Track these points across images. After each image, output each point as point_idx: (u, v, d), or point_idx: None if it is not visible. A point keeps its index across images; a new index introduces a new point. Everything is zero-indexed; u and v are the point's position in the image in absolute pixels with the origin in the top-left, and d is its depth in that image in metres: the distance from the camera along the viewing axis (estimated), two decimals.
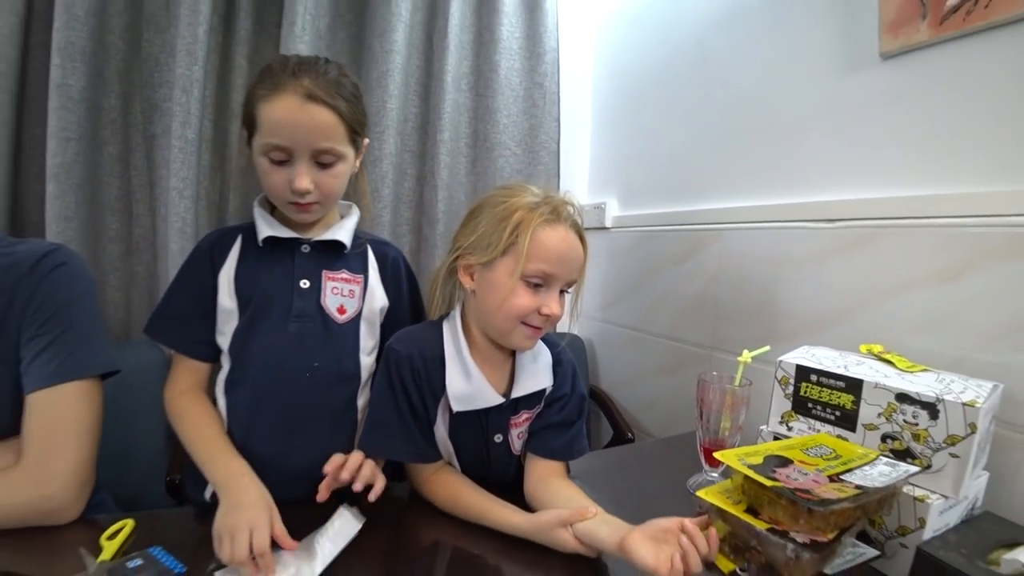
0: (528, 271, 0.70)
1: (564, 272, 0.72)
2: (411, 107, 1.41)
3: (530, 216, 0.71)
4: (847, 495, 0.52)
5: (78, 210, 1.12)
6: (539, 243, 0.70)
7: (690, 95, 1.30)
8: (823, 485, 0.53)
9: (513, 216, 0.71)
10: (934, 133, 0.82)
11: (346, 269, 0.83)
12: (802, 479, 0.54)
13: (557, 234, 0.71)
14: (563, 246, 0.72)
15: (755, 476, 0.54)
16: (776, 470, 0.56)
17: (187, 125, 1.15)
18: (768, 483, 0.53)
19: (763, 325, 1.07)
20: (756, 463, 0.57)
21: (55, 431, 0.66)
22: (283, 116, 0.70)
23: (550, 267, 0.71)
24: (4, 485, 0.63)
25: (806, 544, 0.51)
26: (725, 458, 0.60)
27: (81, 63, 1.10)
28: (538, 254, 0.70)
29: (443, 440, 0.78)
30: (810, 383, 0.72)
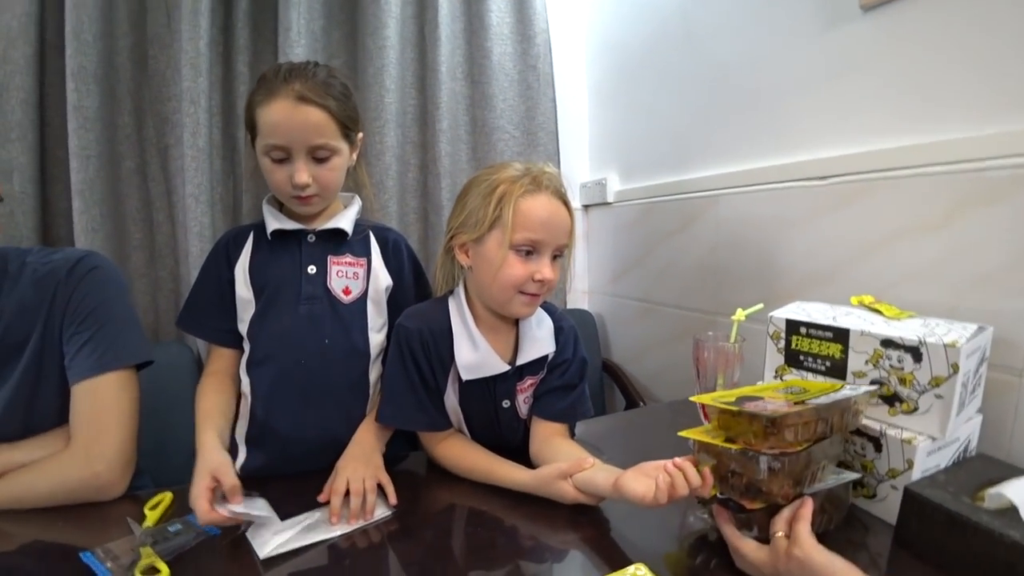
0: (516, 240, 0.74)
1: (551, 237, 0.76)
2: (409, 100, 1.45)
3: (511, 188, 0.75)
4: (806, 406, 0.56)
5: (103, 222, 1.19)
6: (522, 212, 0.74)
7: (679, 68, 1.31)
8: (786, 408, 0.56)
9: (496, 191, 0.75)
10: (916, 83, 0.82)
11: (349, 254, 0.90)
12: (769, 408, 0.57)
13: (539, 202, 0.75)
14: (546, 212, 0.75)
15: (721, 405, 0.59)
16: (745, 404, 0.59)
17: (197, 135, 1.21)
18: (735, 409, 0.57)
19: (761, 286, 1.09)
20: (729, 401, 0.60)
21: (99, 416, 0.74)
22: (279, 118, 0.77)
23: (536, 234, 0.74)
24: (57, 466, 0.71)
25: (777, 456, 0.55)
26: (701, 399, 0.64)
27: (94, 85, 1.17)
28: (523, 223, 0.74)
29: (454, 408, 0.84)
30: (800, 336, 0.75)
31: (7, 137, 1.11)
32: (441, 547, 0.63)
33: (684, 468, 0.59)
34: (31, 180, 1.15)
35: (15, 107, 1.12)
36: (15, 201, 1.13)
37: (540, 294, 0.78)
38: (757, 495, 0.57)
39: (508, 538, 0.64)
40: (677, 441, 0.89)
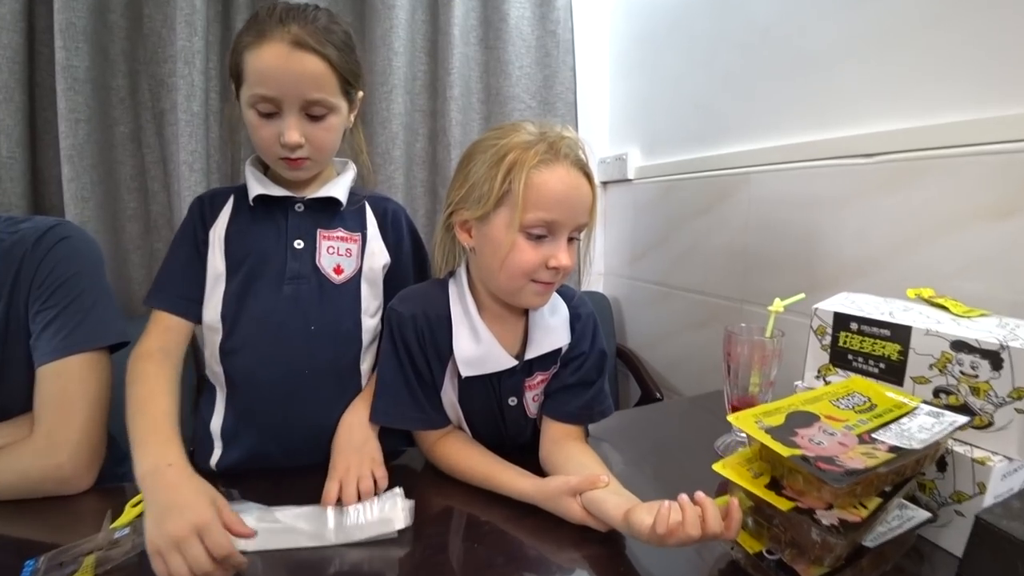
0: (527, 221, 0.63)
1: (569, 217, 0.65)
2: (419, 64, 1.36)
3: (523, 157, 0.63)
4: (878, 461, 0.45)
5: (94, 190, 1.13)
6: (536, 188, 0.63)
7: (710, 32, 1.20)
8: (850, 448, 0.47)
9: (505, 160, 0.64)
10: (980, 51, 0.72)
11: (342, 227, 0.80)
12: (827, 442, 0.48)
13: (556, 175, 0.63)
14: (564, 188, 0.64)
15: (771, 444, 0.48)
16: (798, 431, 0.50)
17: (192, 98, 1.14)
18: (786, 452, 0.47)
19: (798, 273, 0.99)
20: (775, 424, 0.51)
21: (63, 402, 0.67)
22: (270, 65, 0.66)
23: (551, 214, 0.63)
24: (16, 457, 0.65)
25: (834, 526, 0.45)
26: (740, 422, 0.53)
27: (84, 43, 1.10)
28: (536, 201, 0.63)
29: (452, 404, 0.75)
30: (850, 332, 0.65)
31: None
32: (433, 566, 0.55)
33: (703, 506, 0.49)
34: (19, 144, 1.09)
35: (2, 66, 1.05)
36: (2, 166, 1.07)
37: (554, 282, 0.68)
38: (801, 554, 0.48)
39: (508, 558, 0.56)
40: (702, 442, 0.82)
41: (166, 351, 0.72)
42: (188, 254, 0.77)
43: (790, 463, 0.47)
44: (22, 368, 0.69)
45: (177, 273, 0.77)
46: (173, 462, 0.59)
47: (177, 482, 0.57)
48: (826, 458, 0.45)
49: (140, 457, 0.59)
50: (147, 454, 0.59)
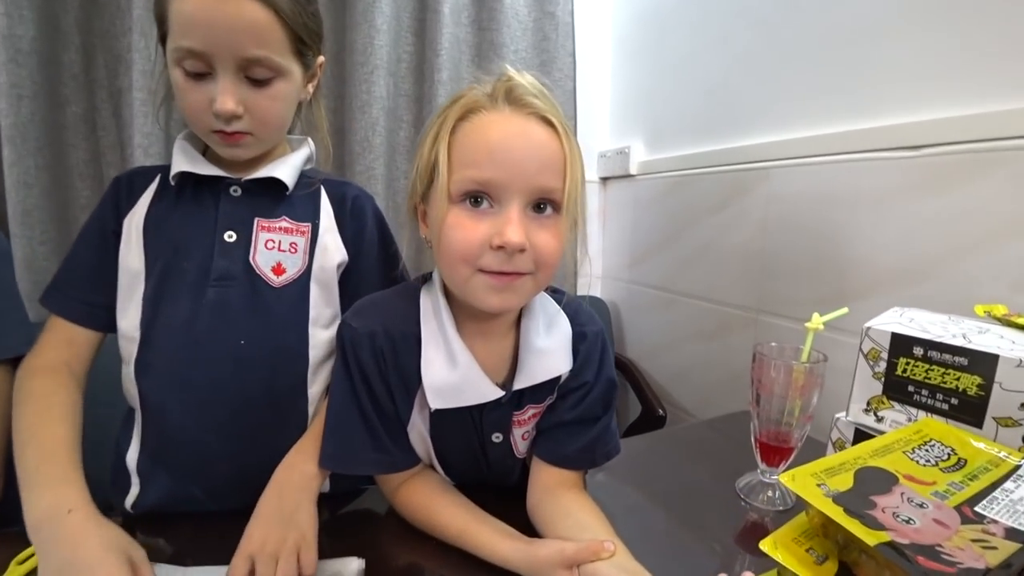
0: (454, 183, 0.49)
1: (514, 175, 0.48)
2: (404, 45, 1.25)
3: (449, 112, 0.51)
4: (1001, 556, 0.33)
5: (39, 176, 1.02)
6: (462, 142, 0.50)
7: (724, 10, 1.09)
8: (954, 532, 0.36)
9: (436, 121, 0.52)
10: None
11: (287, 216, 0.65)
12: (919, 519, 0.37)
13: (488, 121, 0.50)
14: (501, 136, 0.49)
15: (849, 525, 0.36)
16: (876, 500, 0.38)
17: (148, 74, 1.02)
18: (871, 538, 0.35)
19: (825, 282, 0.88)
20: (844, 488, 0.40)
21: None
22: (198, 8, 0.53)
23: (484, 171, 0.48)
24: None
25: None
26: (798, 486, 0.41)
27: (28, 10, 0.98)
28: (463, 157, 0.49)
29: (422, 437, 0.61)
30: (913, 358, 0.54)
31: None
32: None
33: None
34: None
35: None
36: None
37: (512, 272, 0.50)
38: None
39: None
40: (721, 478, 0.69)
41: (67, 366, 0.60)
42: (96, 245, 0.63)
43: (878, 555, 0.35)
44: None
45: (80, 271, 0.63)
46: (74, 506, 0.47)
47: (80, 533, 0.46)
48: (926, 548, 0.34)
49: (31, 500, 0.48)
50: (40, 496, 0.48)
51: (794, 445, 0.63)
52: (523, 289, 0.52)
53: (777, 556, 0.40)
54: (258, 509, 0.53)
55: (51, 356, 0.60)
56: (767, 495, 0.65)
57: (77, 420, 0.57)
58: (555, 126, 0.51)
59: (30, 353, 0.60)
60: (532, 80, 0.52)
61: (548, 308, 0.61)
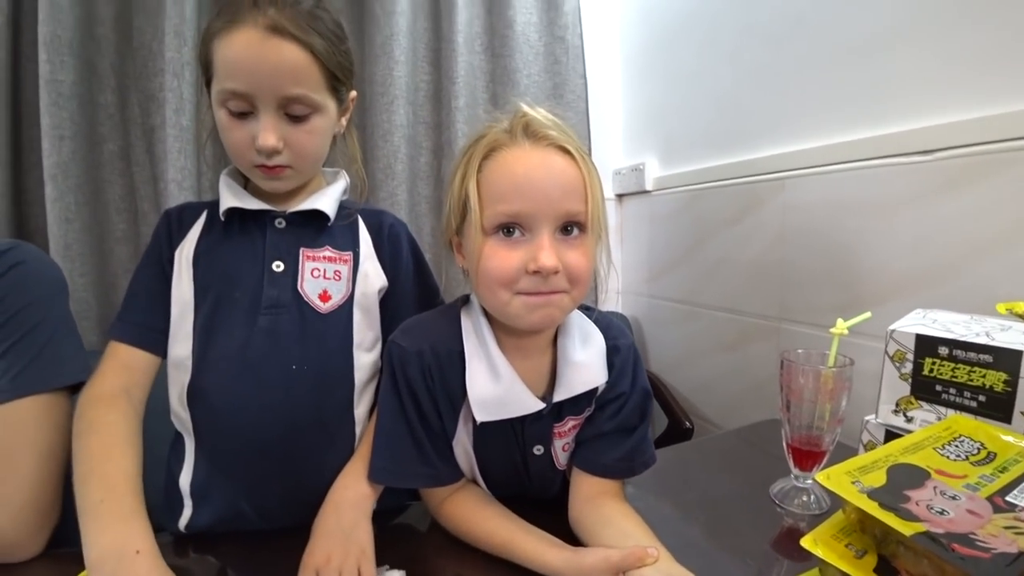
0: (487, 218, 0.53)
1: (542, 205, 0.52)
2: (421, 74, 1.29)
3: (475, 149, 0.55)
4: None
5: (79, 211, 1.07)
6: (489, 178, 0.53)
7: (733, 26, 1.12)
8: (987, 520, 0.36)
9: (463, 159, 0.56)
10: None
11: (330, 246, 0.69)
12: (952, 510, 0.38)
13: (512, 157, 0.53)
14: (526, 169, 0.52)
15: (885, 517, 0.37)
16: (909, 495, 0.39)
17: (181, 112, 1.07)
18: (907, 529, 0.36)
19: (845, 288, 0.89)
20: (877, 484, 0.41)
21: (8, 455, 0.58)
22: (241, 54, 0.57)
23: (514, 204, 0.52)
24: None
25: None
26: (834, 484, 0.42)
27: (70, 56, 1.04)
28: (493, 193, 0.53)
29: (466, 453, 0.63)
30: (938, 358, 0.54)
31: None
32: None
33: None
34: (2, 164, 1.03)
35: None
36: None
37: (549, 292, 0.54)
38: None
39: None
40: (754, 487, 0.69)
41: (126, 392, 0.61)
42: (151, 277, 0.66)
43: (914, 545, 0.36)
44: None
45: (139, 299, 0.66)
46: (142, 548, 0.49)
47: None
48: (960, 536, 0.35)
49: (93, 534, 0.49)
50: (103, 531, 0.49)
51: (826, 449, 0.63)
52: (561, 305, 0.55)
53: (818, 552, 0.41)
54: (317, 526, 0.56)
55: (110, 383, 0.62)
56: (802, 500, 0.65)
57: (138, 451, 0.58)
58: (572, 154, 0.54)
59: (90, 381, 0.62)
60: (545, 113, 0.56)
61: (582, 324, 0.63)
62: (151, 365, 0.65)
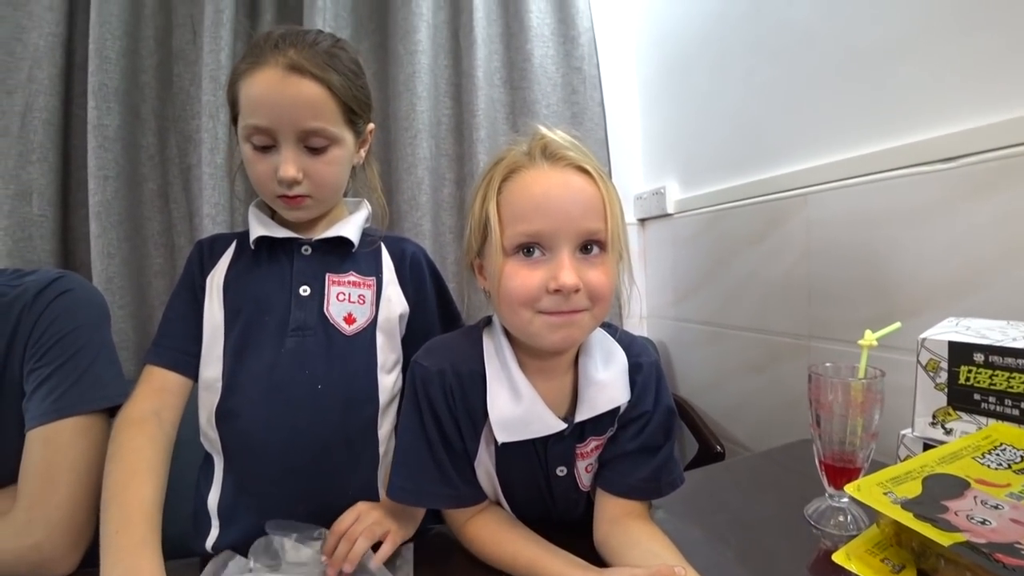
0: (507, 238, 0.53)
1: (561, 224, 0.52)
2: (443, 108, 1.34)
3: (494, 172, 0.56)
4: None
5: (120, 246, 1.12)
6: (509, 199, 0.54)
7: (743, 46, 1.13)
8: None
9: (482, 182, 0.57)
10: None
11: (354, 271, 0.71)
12: (994, 519, 0.36)
13: (530, 177, 0.54)
14: (544, 189, 0.53)
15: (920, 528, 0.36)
16: (947, 504, 0.38)
17: (215, 151, 1.13)
18: (945, 539, 0.34)
19: (875, 302, 0.86)
20: (913, 495, 0.39)
21: (48, 473, 0.60)
22: (263, 92, 0.61)
23: (533, 224, 0.52)
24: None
25: None
26: (863, 496, 0.41)
27: (116, 103, 1.12)
28: (513, 214, 0.53)
29: (488, 475, 0.63)
30: (975, 366, 0.52)
31: (28, 159, 1.07)
32: None
33: None
34: (51, 203, 1.10)
35: (37, 128, 1.07)
36: (33, 224, 1.08)
37: (571, 311, 0.53)
38: None
39: None
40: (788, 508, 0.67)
41: (157, 416, 0.64)
42: (185, 303, 0.70)
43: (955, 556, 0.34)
44: (15, 433, 0.63)
45: (173, 325, 0.69)
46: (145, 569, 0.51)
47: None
48: (1004, 546, 0.33)
49: (107, 565, 0.51)
50: (116, 564, 0.51)
51: (860, 466, 0.61)
52: (582, 324, 0.55)
53: (852, 567, 0.39)
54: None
55: (143, 406, 0.64)
56: (838, 519, 0.62)
57: (160, 476, 0.60)
58: (590, 173, 0.55)
59: (124, 404, 0.65)
60: (563, 134, 0.57)
61: (604, 343, 0.63)
62: (183, 387, 0.68)
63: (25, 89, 1.06)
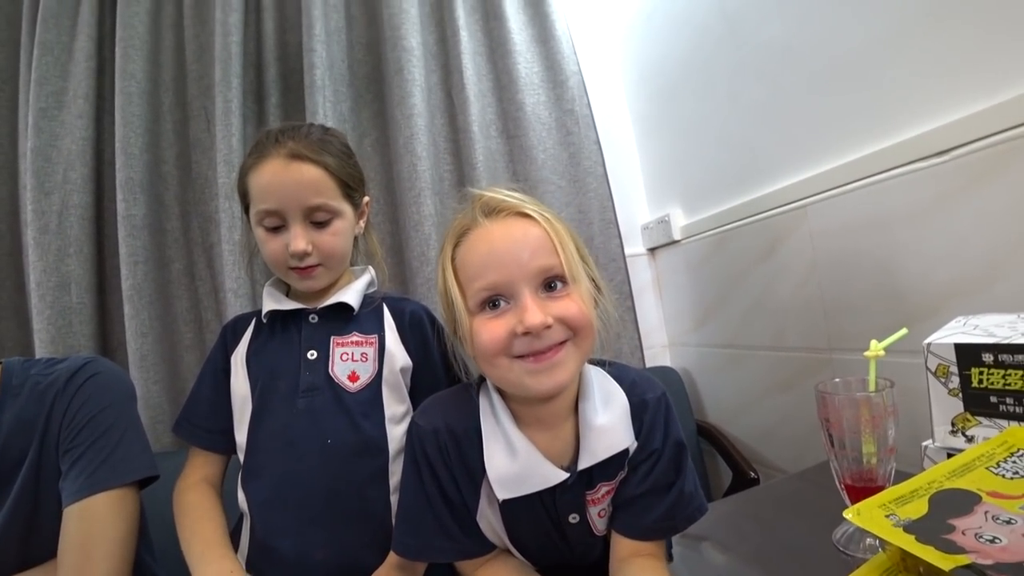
0: (469, 299, 0.55)
1: (514, 272, 0.53)
2: (444, 165, 1.39)
3: (446, 242, 0.58)
4: None
5: (152, 325, 1.18)
6: (462, 264, 0.56)
7: (727, 68, 1.16)
8: None
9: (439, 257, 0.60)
10: None
11: (356, 331, 0.77)
12: (1006, 536, 0.33)
13: (476, 237, 0.56)
14: (489, 246, 0.54)
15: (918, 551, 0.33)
16: (955, 523, 0.36)
17: (233, 229, 1.19)
18: (946, 563, 0.32)
19: (890, 305, 0.84)
20: (917, 516, 0.37)
21: (85, 545, 0.63)
22: (270, 179, 0.70)
23: (488, 277, 0.53)
24: None
25: None
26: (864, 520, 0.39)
27: (141, 194, 1.21)
28: (467, 274, 0.55)
29: (492, 528, 0.62)
30: (985, 366, 0.50)
31: (66, 252, 1.16)
32: None
33: None
34: (88, 290, 1.17)
35: (73, 223, 1.17)
36: (72, 312, 1.15)
37: (548, 350, 0.53)
38: None
39: None
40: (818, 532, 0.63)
41: (207, 481, 0.74)
42: (211, 384, 0.78)
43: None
44: (53, 511, 0.66)
45: (201, 405, 0.77)
46: (234, 570, 0.62)
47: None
48: (1012, 566, 0.31)
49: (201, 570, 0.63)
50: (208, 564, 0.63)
51: (882, 483, 0.57)
52: (567, 360, 0.54)
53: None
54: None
55: (195, 476, 0.75)
56: (867, 542, 0.58)
57: (223, 518, 0.72)
58: (531, 215, 0.56)
59: (181, 475, 0.76)
60: (503, 189, 0.59)
61: (603, 384, 0.62)
62: (220, 459, 0.78)
63: (61, 189, 1.16)
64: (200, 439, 0.77)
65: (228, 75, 1.21)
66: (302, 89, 1.26)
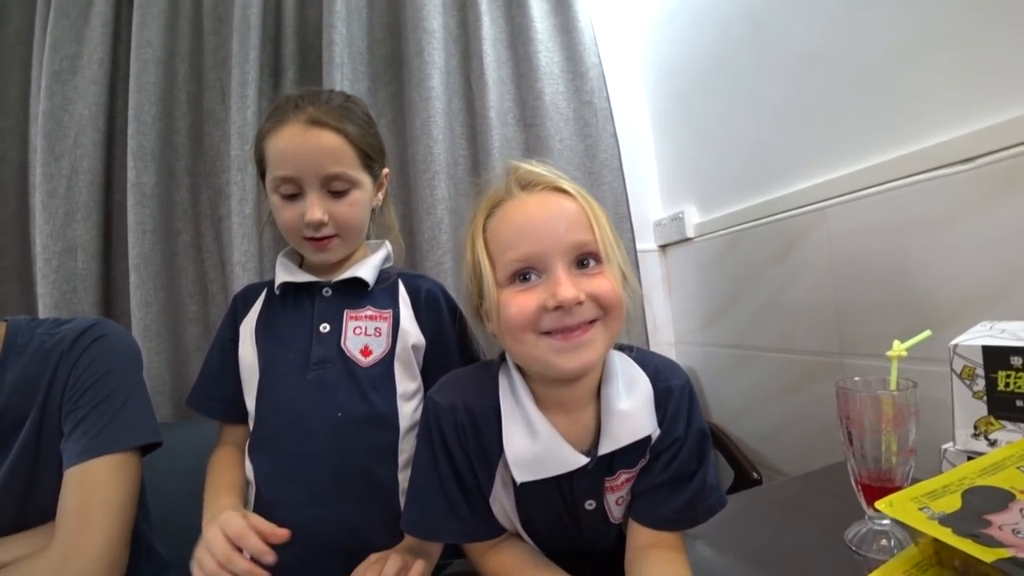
0: (499, 270, 0.53)
1: (550, 243, 0.52)
2: (459, 150, 1.38)
3: (478, 212, 0.57)
4: None
5: (157, 296, 1.17)
6: (494, 234, 0.55)
7: (750, 69, 1.14)
8: None
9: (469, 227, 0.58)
10: None
11: (371, 306, 0.75)
12: None
13: (511, 206, 0.55)
14: (525, 216, 0.53)
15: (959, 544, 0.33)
16: (990, 518, 0.35)
17: (244, 202, 1.18)
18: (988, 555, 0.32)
19: (906, 312, 0.83)
20: (951, 510, 0.37)
21: (84, 509, 0.62)
22: (287, 145, 0.68)
23: (522, 248, 0.52)
24: (27, 570, 0.59)
25: None
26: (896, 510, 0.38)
27: (152, 162, 1.19)
28: (499, 245, 0.54)
29: (504, 511, 0.61)
30: (1012, 370, 0.50)
31: (73, 217, 1.14)
32: None
33: None
34: (94, 256, 1.16)
35: (82, 189, 1.15)
36: (78, 278, 1.14)
37: (577, 327, 0.51)
38: None
39: None
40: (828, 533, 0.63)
41: (229, 446, 0.76)
42: (220, 355, 0.78)
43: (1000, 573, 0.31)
44: (53, 473, 0.65)
45: (211, 376, 0.78)
46: (225, 504, 0.64)
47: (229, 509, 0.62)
48: None
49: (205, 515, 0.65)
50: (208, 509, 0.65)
51: (900, 484, 0.57)
52: (595, 340, 0.53)
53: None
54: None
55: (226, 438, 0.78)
56: (881, 543, 0.58)
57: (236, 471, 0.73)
58: (568, 191, 0.55)
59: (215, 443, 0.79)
60: (536, 163, 0.58)
61: (627, 369, 0.60)
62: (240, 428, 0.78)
63: (71, 154, 1.15)
64: (212, 410, 0.77)
65: (246, 47, 1.20)
66: (320, 66, 1.25)
